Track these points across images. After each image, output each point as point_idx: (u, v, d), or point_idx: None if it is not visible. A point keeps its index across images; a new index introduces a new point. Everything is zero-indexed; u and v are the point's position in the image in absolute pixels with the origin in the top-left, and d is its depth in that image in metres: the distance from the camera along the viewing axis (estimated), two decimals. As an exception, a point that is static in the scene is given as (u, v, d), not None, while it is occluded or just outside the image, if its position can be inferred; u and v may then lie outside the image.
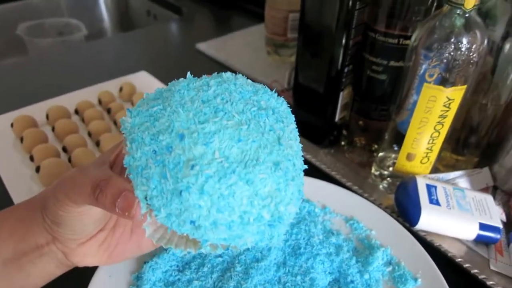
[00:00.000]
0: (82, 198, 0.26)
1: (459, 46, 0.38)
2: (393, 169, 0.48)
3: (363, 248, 0.41)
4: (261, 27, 0.83)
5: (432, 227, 0.42)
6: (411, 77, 0.42)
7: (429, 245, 0.42)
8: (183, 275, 0.37)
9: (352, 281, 0.37)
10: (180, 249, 0.26)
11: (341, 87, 0.51)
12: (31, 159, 0.49)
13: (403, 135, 0.45)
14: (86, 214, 0.28)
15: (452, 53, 0.38)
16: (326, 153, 0.55)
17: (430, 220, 0.41)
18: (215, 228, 0.22)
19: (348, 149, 0.56)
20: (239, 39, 0.87)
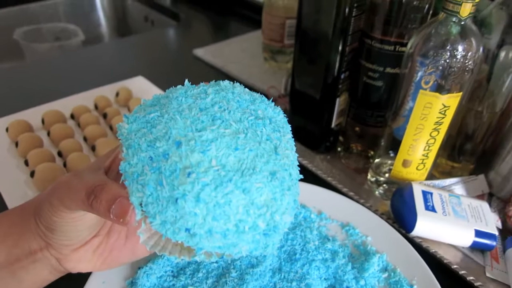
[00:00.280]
0: (76, 203, 0.26)
1: (455, 53, 0.38)
2: (389, 175, 0.48)
3: (358, 254, 0.41)
4: (258, 33, 0.84)
5: (428, 233, 0.42)
6: (407, 84, 0.42)
7: (425, 251, 0.42)
8: (177, 280, 0.36)
9: (347, 287, 0.37)
10: (174, 257, 0.26)
11: (338, 94, 0.51)
12: (26, 163, 0.48)
13: (399, 141, 0.45)
14: (80, 219, 0.27)
15: (447, 60, 0.39)
16: (323, 159, 0.55)
17: (426, 227, 0.41)
18: (210, 236, 0.22)
19: (344, 155, 0.56)
20: (236, 45, 0.87)
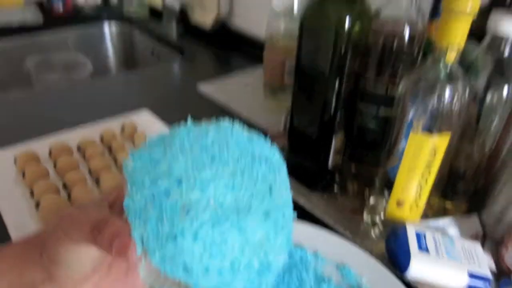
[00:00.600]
0: (81, 236, 0.26)
1: (443, 96, 0.40)
2: (384, 215, 0.49)
3: (353, 295, 0.41)
4: (260, 69, 0.86)
5: (422, 274, 0.43)
6: (399, 125, 0.44)
7: (419, 293, 0.43)
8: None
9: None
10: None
11: (334, 132, 0.52)
12: (31, 194, 0.50)
13: (393, 181, 0.46)
14: (84, 252, 0.28)
15: (435, 103, 0.40)
16: (319, 197, 0.56)
17: (420, 268, 0.42)
18: (207, 274, 0.23)
19: (341, 194, 0.56)
20: (239, 80, 0.89)
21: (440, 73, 0.40)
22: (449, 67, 0.40)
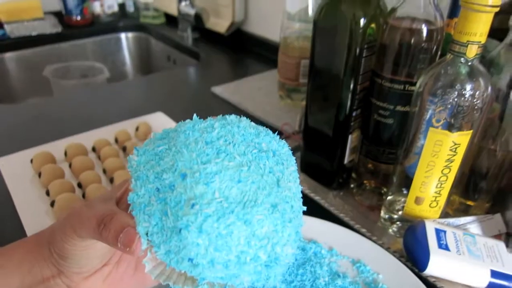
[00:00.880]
0: (87, 232, 0.27)
1: (463, 92, 0.39)
2: (402, 213, 0.48)
3: (369, 293, 0.40)
4: (274, 72, 0.86)
5: (442, 272, 0.41)
6: (417, 122, 0.43)
7: (438, 292, 0.41)
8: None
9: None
10: (178, 286, 0.27)
11: (350, 131, 0.52)
12: (47, 193, 0.50)
13: (411, 179, 0.45)
14: (92, 248, 0.28)
15: (456, 99, 0.39)
16: (335, 195, 0.56)
17: (440, 266, 0.41)
18: (212, 267, 0.23)
19: (358, 191, 0.56)
20: (252, 83, 0.90)
21: (461, 69, 0.39)
22: (470, 62, 0.39)
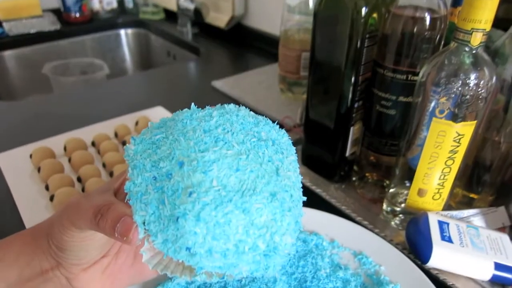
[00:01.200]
0: (85, 223, 0.26)
1: (467, 81, 0.38)
2: (405, 205, 0.47)
3: (371, 284, 0.40)
4: (275, 66, 0.86)
5: (445, 265, 0.41)
6: (420, 113, 0.42)
7: (442, 284, 0.41)
8: (187, 304, 0.36)
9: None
10: (176, 276, 0.26)
11: (351, 123, 0.51)
12: (47, 188, 0.50)
13: (414, 171, 0.44)
14: (90, 239, 0.28)
15: (460, 89, 0.38)
16: (337, 188, 0.55)
17: (442, 258, 0.40)
18: (210, 256, 0.22)
19: (359, 184, 0.55)
20: (253, 78, 0.89)
21: (465, 57, 0.38)
22: (474, 51, 0.38)
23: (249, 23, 1.12)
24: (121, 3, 1.39)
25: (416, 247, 0.42)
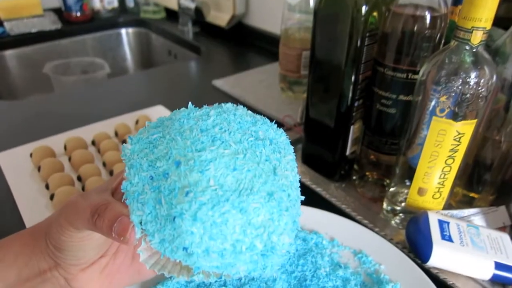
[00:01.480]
0: (82, 222, 0.26)
1: (467, 80, 0.38)
2: (405, 204, 0.47)
3: (371, 283, 0.40)
4: (275, 65, 0.86)
5: (445, 264, 0.40)
6: (420, 112, 0.42)
7: (442, 283, 0.41)
8: (186, 304, 0.36)
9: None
10: (173, 276, 0.26)
11: (351, 122, 0.51)
12: (47, 187, 0.50)
13: (414, 170, 0.44)
14: (87, 239, 0.28)
15: (460, 87, 0.38)
16: (337, 187, 0.55)
17: (443, 257, 0.40)
18: (207, 256, 0.22)
19: (360, 183, 0.55)
20: (253, 77, 0.89)
21: (465, 56, 0.38)
22: (474, 49, 0.38)
23: (250, 22, 1.11)
24: (122, 2, 1.39)
25: (416, 246, 0.42)
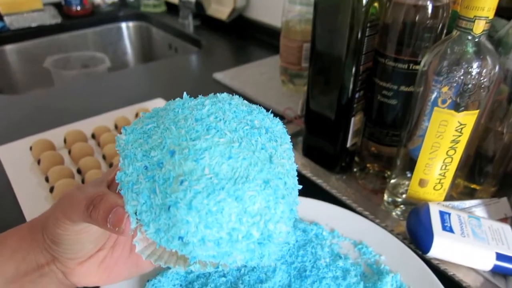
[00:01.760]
0: (77, 215, 0.26)
1: (469, 70, 0.37)
2: (406, 196, 0.47)
3: (371, 273, 0.40)
4: (276, 58, 0.85)
5: (446, 255, 0.40)
6: (421, 103, 0.42)
7: (442, 274, 0.40)
8: (186, 294, 0.36)
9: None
10: (169, 266, 0.26)
11: (352, 113, 0.51)
12: (47, 180, 0.50)
13: (415, 161, 0.44)
14: (84, 232, 0.28)
15: (462, 77, 0.38)
16: (338, 179, 0.54)
17: (443, 248, 0.40)
18: (203, 245, 0.22)
19: (361, 175, 0.55)
20: (254, 69, 0.89)
21: (467, 46, 0.37)
22: (477, 39, 0.37)
23: (250, 15, 1.11)
24: (122, -4, 1.39)
25: (417, 237, 0.42)
